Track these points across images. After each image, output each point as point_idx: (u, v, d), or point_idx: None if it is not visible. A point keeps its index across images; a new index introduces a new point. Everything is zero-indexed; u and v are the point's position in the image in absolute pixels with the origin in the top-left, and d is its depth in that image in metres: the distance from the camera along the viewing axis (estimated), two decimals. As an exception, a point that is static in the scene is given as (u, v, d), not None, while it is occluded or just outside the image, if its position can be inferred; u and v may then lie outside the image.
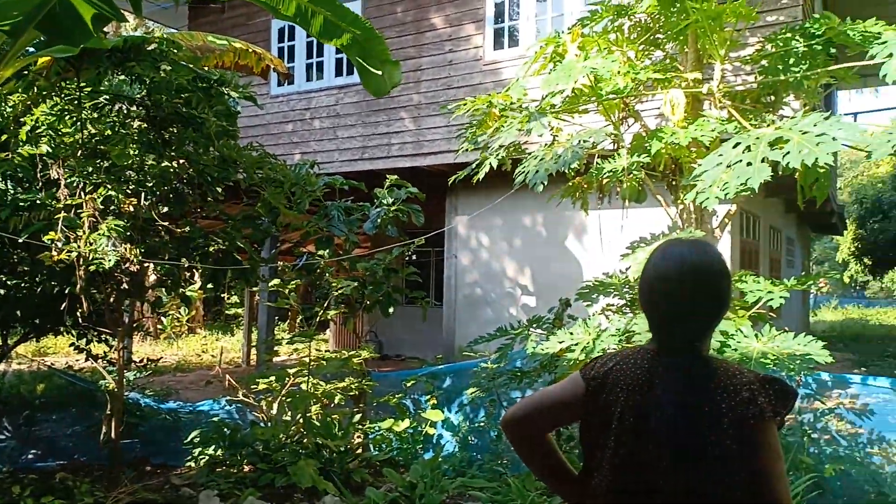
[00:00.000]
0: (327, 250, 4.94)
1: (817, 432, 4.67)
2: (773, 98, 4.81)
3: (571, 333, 4.09)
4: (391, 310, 5.51)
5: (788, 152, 2.90)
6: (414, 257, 11.93)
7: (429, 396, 5.68)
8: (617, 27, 4.66)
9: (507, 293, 8.40)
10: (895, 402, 4.65)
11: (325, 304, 5.19)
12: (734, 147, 3.17)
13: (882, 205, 16.33)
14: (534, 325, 5.10)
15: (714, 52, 4.32)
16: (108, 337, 5.17)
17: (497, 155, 4.45)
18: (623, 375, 1.52)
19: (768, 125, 3.50)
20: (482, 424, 5.61)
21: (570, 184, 4.84)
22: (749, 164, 2.96)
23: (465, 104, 4.38)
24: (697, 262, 1.50)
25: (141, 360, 5.75)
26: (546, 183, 3.82)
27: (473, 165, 4.67)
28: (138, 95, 4.51)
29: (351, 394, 5.49)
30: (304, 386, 5.12)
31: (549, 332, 4.76)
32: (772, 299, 3.80)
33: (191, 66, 4.68)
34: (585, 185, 4.77)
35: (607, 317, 4.50)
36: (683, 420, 1.43)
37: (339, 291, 5.04)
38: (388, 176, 5.46)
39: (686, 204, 4.51)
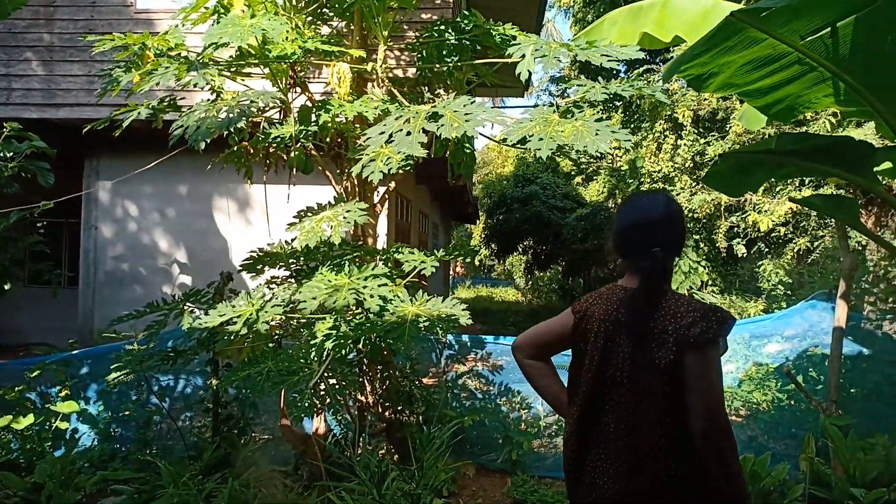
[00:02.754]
0: (-87, 209, 3.87)
1: (458, 389, 5.23)
2: (427, 89, 5.21)
3: (234, 306, 3.88)
4: (7, 287, 4.57)
5: (443, 125, 3.15)
6: (42, 228, 10.20)
7: (60, 387, 4.89)
8: (286, -9, 4.55)
9: (161, 269, 7.67)
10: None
11: (-90, 279, 4.08)
12: (397, 119, 3.33)
13: (506, 199, 19.04)
14: (190, 300, 4.72)
15: (378, 33, 4.49)
16: None
17: (148, 105, 3.98)
18: (599, 306, 1.90)
19: (426, 104, 3.76)
20: (128, 413, 5.04)
21: (234, 149, 4.59)
22: (409, 133, 3.15)
23: (112, 38, 3.80)
24: (659, 206, 1.88)
25: None
26: (209, 141, 3.54)
27: (119, 112, 4.10)
28: None
29: (-51, 391, 4.43)
30: None
31: (208, 307, 4.45)
32: (424, 268, 4.13)
33: None
34: (251, 151, 4.56)
35: (271, 288, 4.39)
36: (639, 336, 1.78)
37: (-68, 262, 4.00)
38: (5, 125, 4.50)
39: (351, 178, 4.63)
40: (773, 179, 7.92)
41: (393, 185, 4.82)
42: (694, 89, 2.77)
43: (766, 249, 11.00)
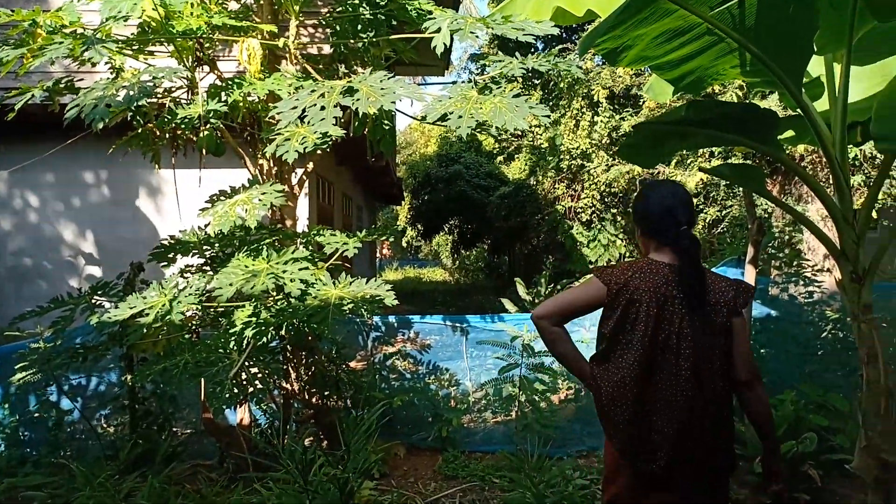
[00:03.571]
0: None
1: (387, 370, 5.19)
2: (344, 66, 5.07)
3: (145, 297, 3.71)
4: None
5: (359, 100, 3.07)
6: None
7: (-42, 393, 4.56)
8: (189, -36, 4.30)
9: (66, 262, 7.23)
10: (445, 337, 5.46)
11: None
12: (310, 94, 3.22)
13: (430, 179, 18.99)
14: (98, 293, 4.48)
15: (289, 7, 4.33)
16: None
17: (43, 87, 3.70)
18: (643, 279, 2.18)
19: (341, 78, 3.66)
20: (37, 415, 4.75)
21: (139, 131, 4.34)
22: (323, 108, 3.05)
23: (-7, 12, 3.49)
24: (684, 192, 2.31)
25: None
26: (109, 122, 3.32)
27: (10, 95, 3.80)
28: None
29: None
30: None
31: (119, 300, 4.23)
32: (347, 249, 4.04)
33: None
34: (157, 134, 4.33)
35: (185, 277, 4.20)
36: (696, 307, 2.15)
37: None
38: None
39: (267, 160, 4.47)
40: (684, 151, 8.20)
41: (311, 165, 4.69)
42: (609, 63, 2.80)
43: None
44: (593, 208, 12.77)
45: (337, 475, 2.83)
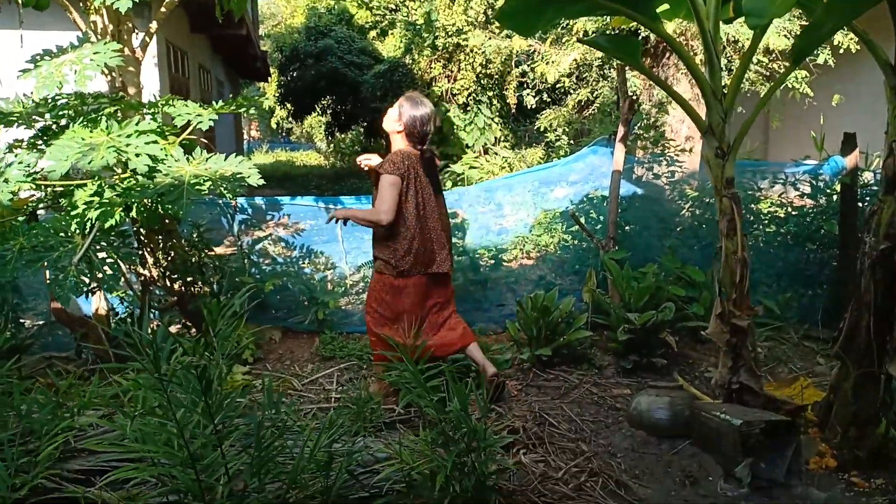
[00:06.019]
0: None
1: (257, 255, 4.94)
2: None
3: (-37, 176, 3.20)
4: None
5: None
6: None
7: None
8: None
9: None
10: (320, 221, 5.22)
11: None
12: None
13: (299, 54, 17.72)
14: None
15: None
16: None
17: None
18: (412, 164, 3.49)
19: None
20: None
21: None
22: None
23: None
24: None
25: None
26: None
27: None
28: None
29: None
30: None
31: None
32: (201, 122, 3.64)
33: None
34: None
35: (14, 152, 3.66)
36: (433, 176, 3.63)
37: None
38: None
39: (101, 14, 3.88)
40: (563, 20, 8.12)
41: (154, 25, 4.13)
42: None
43: (550, 100, 11.51)
44: (470, 90, 12.55)
45: (194, 362, 2.65)
